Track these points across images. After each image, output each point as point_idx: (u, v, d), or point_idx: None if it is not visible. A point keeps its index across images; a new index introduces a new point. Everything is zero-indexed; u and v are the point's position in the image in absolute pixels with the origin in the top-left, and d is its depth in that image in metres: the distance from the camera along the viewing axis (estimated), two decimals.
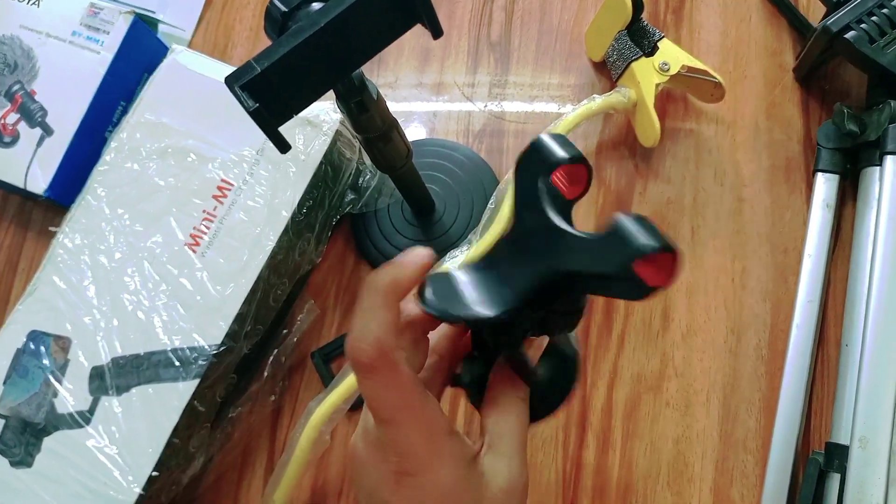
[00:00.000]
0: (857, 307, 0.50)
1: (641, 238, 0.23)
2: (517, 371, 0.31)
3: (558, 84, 0.60)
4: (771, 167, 0.56)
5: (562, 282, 0.26)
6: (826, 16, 0.52)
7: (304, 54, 0.27)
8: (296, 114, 0.29)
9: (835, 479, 0.46)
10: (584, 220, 0.57)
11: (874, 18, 0.51)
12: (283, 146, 0.29)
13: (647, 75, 0.53)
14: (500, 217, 0.51)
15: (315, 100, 0.30)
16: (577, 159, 0.26)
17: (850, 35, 0.50)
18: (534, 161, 0.27)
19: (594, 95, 0.54)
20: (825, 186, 0.53)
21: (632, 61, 0.54)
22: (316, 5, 0.29)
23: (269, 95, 0.27)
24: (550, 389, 0.32)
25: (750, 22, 0.59)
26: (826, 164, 0.53)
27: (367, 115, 0.37)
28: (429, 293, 0.27)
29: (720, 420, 0.52)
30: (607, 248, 0.24)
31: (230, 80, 0.27)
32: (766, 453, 0.50)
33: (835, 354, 0.51)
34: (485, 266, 0.28)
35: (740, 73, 0.58)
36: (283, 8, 0.29)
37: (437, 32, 0.30)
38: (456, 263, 0.50)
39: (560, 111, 0.60)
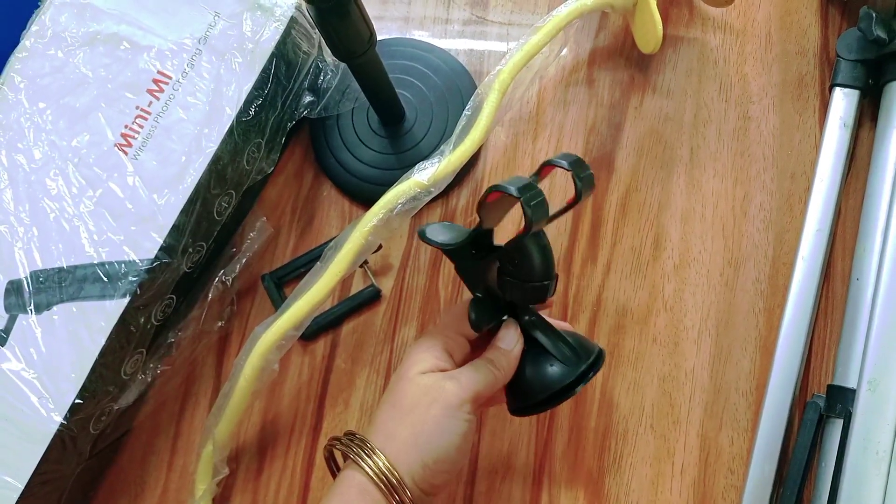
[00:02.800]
0: (871, 238, 0.44)
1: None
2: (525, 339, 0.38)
3: None
4: (782, 82, 0.50)
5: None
6: None
7: None
8: None
9: (836, 424, 0.42)
10: (573, 137, 0.51)
11: None
12: None
13: None
14: (477, 125, 0.45)
15: None
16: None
17: None
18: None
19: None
20: (844, 103, 0.47)
21: None
22: None
23: None
24: (525, 388, 0.38)
25: None
26: (846, 78, 0.47)
27: None
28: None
29: (711, 359, 0.47)
30: None
31: None
32: (760, 396, 0.45)
33: (842, 290, 0.46)
34: None
35: None
36: None
37: None
38: (426, 176, 0.43)
39: (550, 9, 0.53)
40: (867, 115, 0.48)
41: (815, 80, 0.50)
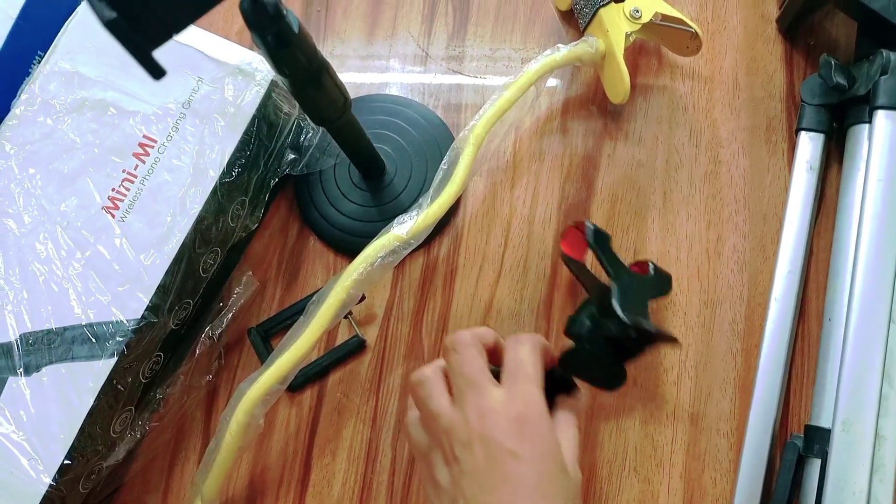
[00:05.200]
0: (842, 279, 0.46)
1: None
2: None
3: (522, 35, 0.55)
4: (750, 127, 0.52)
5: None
6: None
7: None
8: (175, 33, 0.24)
9: (815, 464, 0.43)
10: (549, 185, 0.52)
11: None
12: (156, 72, 0.24)
13: (616, 23, 0.48)
14: (453, 179, 0.46)
15: (200, 15, 0.25)
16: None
17: None
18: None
19: (559, 45, 0.49)
20: (809, 146, 0.49)
21: (600, 7, 0.49)
22: None
23: (135, 5, 0.22)
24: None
25: None
26: (810, 123, 0.49)
27: (286, 51, 0.32)
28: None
29: (692, 400, 0.48)
30: None
31: None
32: (741, 437, 0.46)
33: (816, 330, 0.47)
34: None
35: (719, 23, 0.54)
36: None
37: None
38: (405, 229, 0.45)
39: (523, 64, 0.55)
40: (833, 157, 0.50)
41: (782, 124, 0.52)
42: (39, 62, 0.54)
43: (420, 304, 0.51)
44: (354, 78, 0.56)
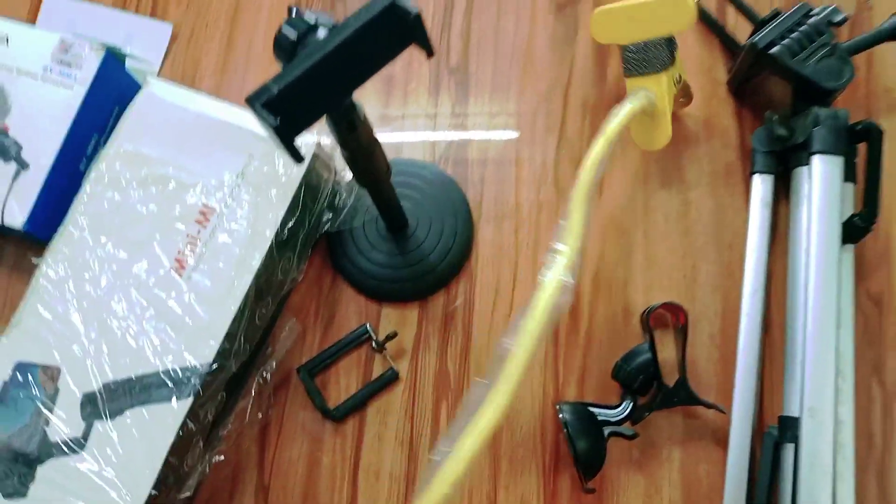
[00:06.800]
0: (797, 294, 0.55)
1: None
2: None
3: (515, 104, 0.65)
4: (712, 172, 0.62)
5: None
6: (753, 34, 0.58)
7: (313, 76, 0.31)
8: (306, 127, 0.32)
9: (789, 449, 0.51)
10: (547, 228, 0.61)
11: (794, 35, 0.57)
12: (297, 157, 0.32)
13: (670, 84, 0.56)
14: (572, 227, 0.45)
15: (322, 116, 0.33)
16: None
17: (774, 50, 0.56)
18: None
19: (626, 102, 0.54)
20: (762, 187, 0.59)
21: (664, 69, 0.55)
22: (322, 32, 0.32)
23: (284, 113, 0.30)
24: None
25: (686, 42, 0.65)
26: (761, 167, 0.59)
27: (355, 133, 0.40)
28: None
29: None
30: None
31: (252, 100, 0.30)
32: (726, 432, 0.54)
33: (780, 337, 0.56)
34: None
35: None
36: (292, 36, 0.32)
37: (429, 51, 0.33)
38: (560, 273, 0.43)
39: (519, 129, 0.64)
40: (782, 194, 0.60)
41: (738, 169, 0.62)
42: (95, 142, 0.62)
43: (443, 337, 0.59)
44: None
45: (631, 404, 0.53)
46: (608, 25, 0.58)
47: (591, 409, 0.53)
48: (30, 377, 0.52)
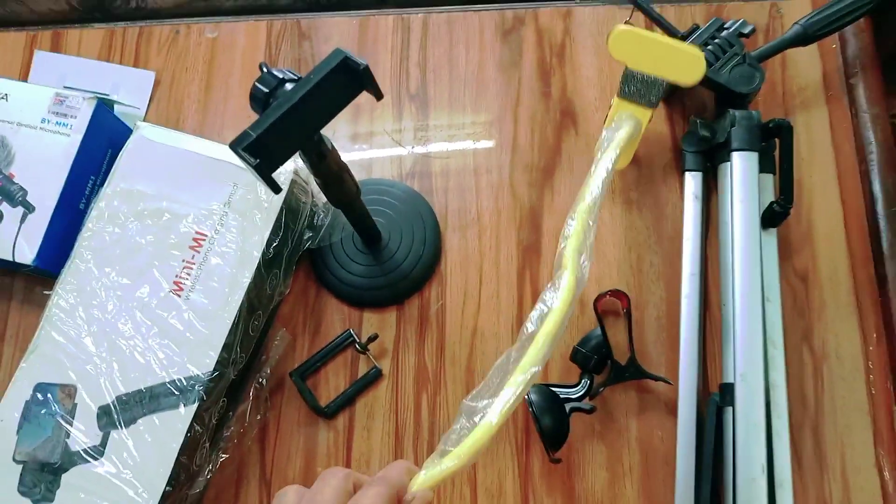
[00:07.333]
0: (728, 275, 0.62)
1: None
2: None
3: (471, 123, 0.72)
4: (650, 172, 0.69)
5: None
6: None
7: (284, 121, 0.37)
8: (281, 164, 0.39)
9: (729, 411, 0.58)
10: (507, 233, 0.68)
11: (710, 47, 0.64)
12: (275, 188, 0.39)
13: (646, 123, 0.62)
14: (570, 254, 0.49)
15: (294, 153, 0.40)
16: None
17: None
18: None
19: (620, 129, 0.60)
20: (693, 182, 0.66)
21: (652, 108, 0.61)
22: (288, 86, 0.39)
23: (262, 153, 0.37)
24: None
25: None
26: (691, 165, 0.66)
27: (324, 161, 0.47)
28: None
29: (635, 381, 0.63)
30: None
31: (234, 145, 0.36)
32: (675, 401, 0.61)
33: (717, 314, 0.64)
34: None
35: None
36: (265, 90, 0.39)
37: (378, 96, 0.40)
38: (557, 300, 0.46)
39: (475, 142, 0.71)
40: (712, 188, 0.67)
41: (672, 168, 0.69)
42: (92, 183, 0.68)
43: (420, 336, 0.66)
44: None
45: (588, 382, 0.60)
46: (628, 46, 0.60)
47: (553, 388, 0.59)
48: (49, 396, 0.58)
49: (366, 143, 0.72)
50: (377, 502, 0.35)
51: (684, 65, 0.60)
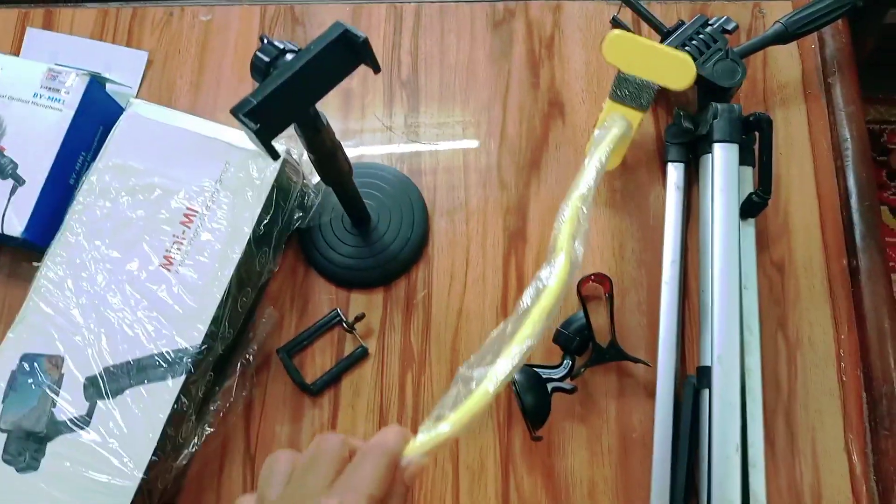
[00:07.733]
0: (707, 263, 0.64)
1: None
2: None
3: (461, 111, 0.73)
4: (634, 163, 0.71)
5: None
6: (661, 42, 0.68)
7: (284, 90, 0.38)
8: (280, 132, 0.40)
9: (706, 394, 0.60)
10: (495, 218, 0.69)
11: (694, 42, 0.66)
12: (274, 155, 0.40)
13: (636, 126, 0.64)
14: (563, 247, 0.49)
15: (293, 121, 0.41)
16: None
17: None
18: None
19: (612, 127, 0.61)
20: (675, 173, 0.68)
21: (643, 111, 0.63)
22: (289, 56, 0.40)
23: (262, 119, 0.38)
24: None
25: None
26: (673, 156, 0.68)
27: (318, 136, 0.48)
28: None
29: (615, 364, 0.64)
30: None
31: (236, 110, 0.37)
32: (654, 384, 0.62)
33: (696, 300, 0.65)
34: None
35: (602, 91, 0.73)
36: (266, 59, 0.40)
37: (376, 68, 0.41)
38: (553, 281, 0.48)
39: (466, 134, 0.72)
40: (693, 179, 0.69)
41: (655, 159, 0.71)
42: (82, 159, 0.68)
43: (406, 316, 0.67)
44: None
45: (570, 363, 0.61)
46: (621, 50, 0.63)
47: (536, 369, 0.61)
48: (35, 366, 0.58)
49: (357, 128, 0.73)
50: (376, 471, 0.35)
51: (675, 70, 0.63)
